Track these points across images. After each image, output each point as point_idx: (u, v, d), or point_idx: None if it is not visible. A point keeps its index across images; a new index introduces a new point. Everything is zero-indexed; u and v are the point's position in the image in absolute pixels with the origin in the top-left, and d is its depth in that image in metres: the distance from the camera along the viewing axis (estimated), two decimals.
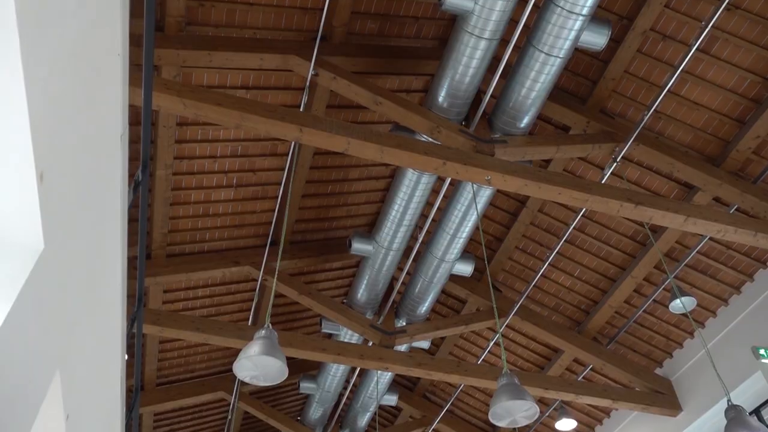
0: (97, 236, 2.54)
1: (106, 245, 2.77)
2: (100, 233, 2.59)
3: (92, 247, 2.51)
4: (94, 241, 2.51)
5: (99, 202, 2.48)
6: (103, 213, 2.60)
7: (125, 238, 3.19)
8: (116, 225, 2.83)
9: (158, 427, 11.74)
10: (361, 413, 11.57)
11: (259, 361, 3.99)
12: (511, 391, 4.50)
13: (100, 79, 2.20)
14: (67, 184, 1.98)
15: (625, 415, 10.62)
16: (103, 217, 2.60)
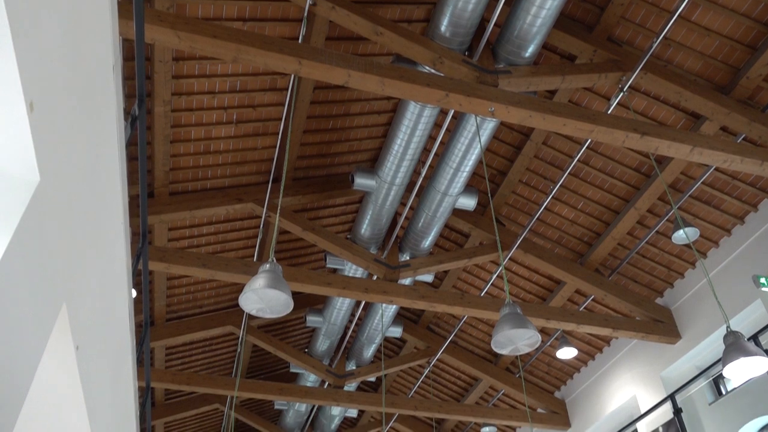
0: (95, 169, 2.52)
1: (106, 179, 2.75)
2: (98, 166, 2.56)
3: (91, 181, 2.49)
4: (92, 174, 2.49)
5: (94, 135, 2.44)
6: (100, 146, 2.57)
7: (125, 173, 3.16)
8: (114, 159, 2.80)
9: (170, 361, 12.10)
10: (367, 345, 11.88)
11: (264, 294, 4.04)
12: (514, 320, 4.57)
13: (87, 5, 2.12)
14: (59, 115, 1.94)
15: (624, 344, 10.87)
16: (100, 150, 2.56)
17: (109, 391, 3.83)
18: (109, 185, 2.83)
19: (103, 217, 2.85)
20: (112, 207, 2.96)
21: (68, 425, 3.32)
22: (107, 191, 2.82)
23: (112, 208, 2.99)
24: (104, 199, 2.79)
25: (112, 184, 2.88)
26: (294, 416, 13.96)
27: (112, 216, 3.02)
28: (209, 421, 15.16)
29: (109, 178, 2.80)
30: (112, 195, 2.92)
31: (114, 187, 2.92)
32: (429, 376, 13.44)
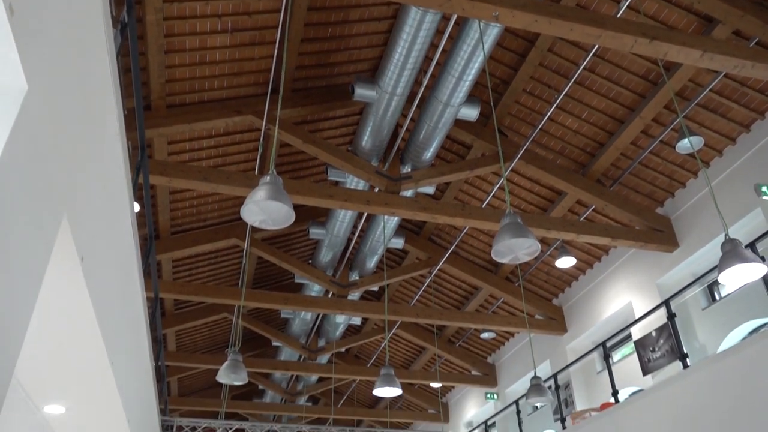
0: (86, 78, 2.45)
1: (98, 88, 2.68)
2: (89, 75, 2.49)
3: (82, 90, 2.43)
4: (83, 83, 2.42)
5: (83, 42, 2.35)
6: (89, 54, 2.48)
7: (117, 83, 3.08)
8: (105, 67, 2.72)
9: (178, 273, 12.38)
10: (370, 256, 12.09)
11: (265, 206, 4.05)
12: (514, 230, 4.60)
13: None
14: (42, 20, 1.86)
15: (622, 253, 11.05)
16: (89, 59, 2.48)
17: (118, 301, 3.93)
18: (102, 95, 2.76)
19: (99, 129, 2.80)
20: (106, 118, 2.91)
21: (80, 334, 3.43)
22: (100, 101, 2.76)
23: (107, 120, 2.93)
24: (98, 110, 2.74)
25: (105, 94, 2.81)
26: (300, 324, 14.46)
27: (107, 127, 2.97)
28: (218, 329, 15.73)
29: (102, 87, 2.73)
30: (105, 105, 2.86)
31: (107, 97, 2.86)
32: (430, 286, 13.78)
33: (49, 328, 3.35)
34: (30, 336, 3.38)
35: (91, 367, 3.88)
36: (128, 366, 4.74)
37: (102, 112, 2.82)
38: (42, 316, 3.17)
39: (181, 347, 15.53)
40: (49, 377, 4.09)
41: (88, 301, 3.02)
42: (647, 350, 8.31)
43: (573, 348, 12.46)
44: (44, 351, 3.65)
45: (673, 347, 7.67)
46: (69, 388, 4.31)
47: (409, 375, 16.31)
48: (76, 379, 4.12)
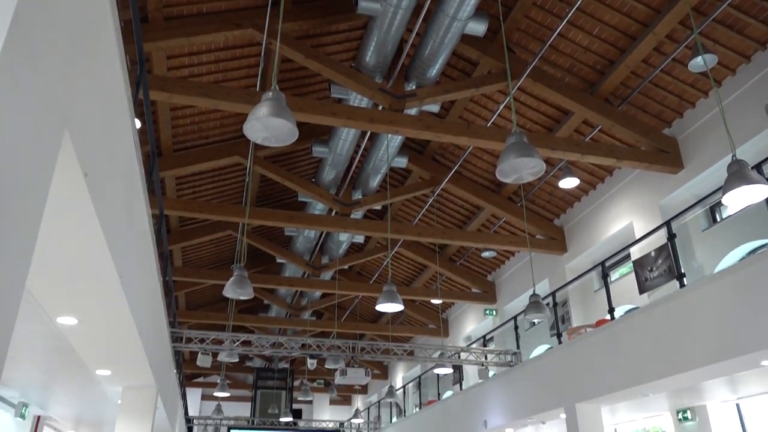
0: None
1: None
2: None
3: (76, 1, 2.33)
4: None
5: None
6: None
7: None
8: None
9: (181, 190, 12.43)
10: (373, 175, 12.07)
11: (268, 123, 3.99)
12: (519, 149, 4.56)
13: None
14: None
15: (626, 174, 11.01)
16: None
17: (124, 217, 3.96)
18: (97, 5, 2.66)
19: (95, 41, 2.72)
20: (102, 30, 2.82)
21: (88, 249, 3.48)
22: (95, 11, 2.66)
23: (103, 31, 2.84)
24: (93, 21, 2.64)
25: (100, 3, 2.71)
26: (303, 242, 14.66)
27: (104, 39, 2.88)
28: (223, 246, 15.98)
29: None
30: (101, 16, 2.76)
31: (102, 7, 2.75)
32: (433, 205, 13.85)
33: (58, 243, 3.40)
34: (40, 251, 3.43)
35: (100, 281, 3.96)
36: (136, 280, 4.84)
37: (98, 23, 2.72)
38: (50, 231, 3.20)
39: (187, 263, 15.84)
40: (60, 291, 4.20)
41: (94, 217, 3.04)
42: (645, 270, 8.44)
43: (572, 267, 12.68)
44: (54, 266, 3.72)
45: (671, 267, 7.78)
46: (80, 301, 4.43)
47: (411, 292, 16.72)
48: (87, 292, 4.22)
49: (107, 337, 5.37)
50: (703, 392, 8.54)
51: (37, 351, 6.12)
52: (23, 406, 9.37)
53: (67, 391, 8.23)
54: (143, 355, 5.99)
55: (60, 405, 9.39)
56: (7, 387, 8.21)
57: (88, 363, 6.34)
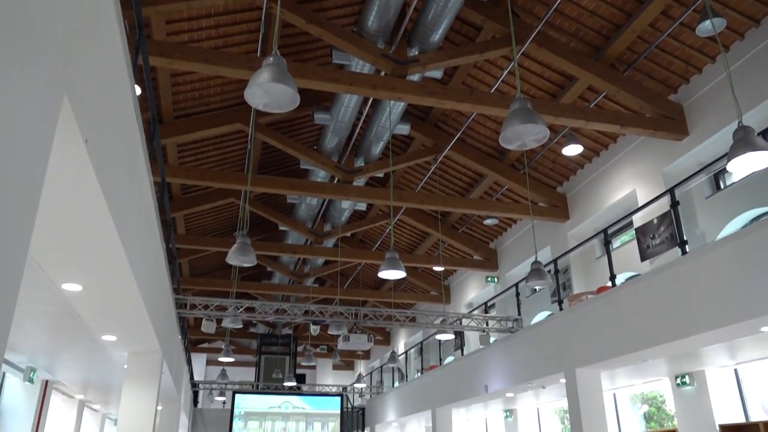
0: None
1: None
2: None
3: None
4: None
5: None
6: None
7: None
8: None
9: (183, 158, 12.39)
10: (375, 142, 12.01)
11: (269, 88, 3.95)
12: (523, 115, 4.52)
13: None
14: None
15: (630, 141, 10.93)
16: None
17: (126, 184, 3.95)
18: None
19: (93, 4, 2.67)
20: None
21: (90, 216, 3.48)
22: None
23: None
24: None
25: None
26: (306, 209, 14.68)
27: (102, 2, 2.83)
28: (226, 214, 16.01)
29: None
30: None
31: None
32: (435, 172, 13.80)
33: (60, 210, 3.40)
34: (43, 218, 3.44)
35: (103, 248, 3.98)
36: (140, 247, 4.86)
37: None
38: (52, 199, 3.20)
39: (190, 230, 15.90)
40: (64, 258, 4.22)
41: (95, 184, 3.03)
42: (647, 237, 8.44)
43: (574, 234, 12.70)
44: (58, 233, 3.73)
45: (673, 234, 7.78)
46: (84, 268, 4.45)
47: (413, 259, 16.80)
48: (91, 259, 4.24)
49: (112, 304, 5.42)
50: (701, 358, 8.64)
51: (43, 317, 6.18)
52: (31, 371, 9.52)
53: (74, 356, 8.35)
54: (148, 321, 6.06)
55: (67, 370, 9.54)
56: (14, 352, 8.33)
57: (94, 329, 6.42)
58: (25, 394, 9.97)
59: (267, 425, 19.13)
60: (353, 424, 21.76)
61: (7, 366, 9.23)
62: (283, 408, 19.47)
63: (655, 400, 11.91)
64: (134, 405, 7.47)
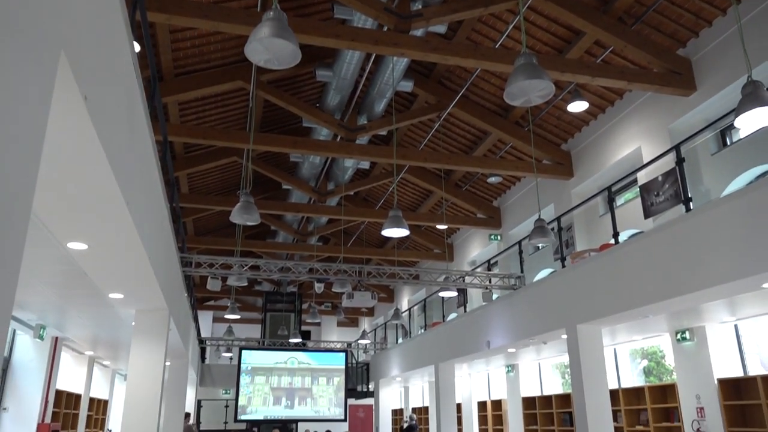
0: None
1: None
2: None
3: None
4: None
5: None
6: None
7: None
8: None
9: (185, 116, 12.29)
10: (378, 99, 11.87)
11: (270, 44, 3.88)
12: (528, 71, 4.44)
13: None
14: None
15: (637, 97, 10.78)
16: None
17: (127, 142, 3.93)
18: None
19: None
20: None
21: (93, 175, 3.47)
22: None
23: None
24: None
25: None
26: (309, 168, 14.63)
27: None
28: (229, 172, 15.98)
29: None
30: None
31: None
32: (439, 130, 13.69)
33: (62, 170, 3.39)
34: (46, 177, 3.43)
35: (107, 207, 3.98)
36: (144, 206, 4.86)
37: None
38: (53, 158, 3.19)
39: (194, 190, 15.91)
40: (68, 217, 4.22)
41: (96, 142, 3.01)
42: (651, 194, 8.42)
43: (578, 192, 12.67)
44: (61, 192, 3.72)
45: (678, 192, 7.75)
46: (89, 227, 4.47)
47: (416, 217, 16.83)
48: (95, 218, 4.25)
49: (118, 262, 5.46)
50: (702, 314, 8.72)
51: (50, 276, 6.25)
52: (41, 328, 9.69)
53: (82, 313, 8.47)
54: (154, 279, 6.11)
55: (76, 327, 9.70)
56: (24, 310, 8.45)
57: (101, 287, 6.49)
58: (36, 350, 10.17)
59: (273, 380, 19.53)
60: (358, 379, 22.22)
61: (18, 323, 9.38)
62: (289, 364, 19.85)
63: (654, 355, 12.09)
64: (143, 361, 7.62)
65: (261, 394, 19.30)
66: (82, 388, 13.00)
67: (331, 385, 19.89)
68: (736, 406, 9.01)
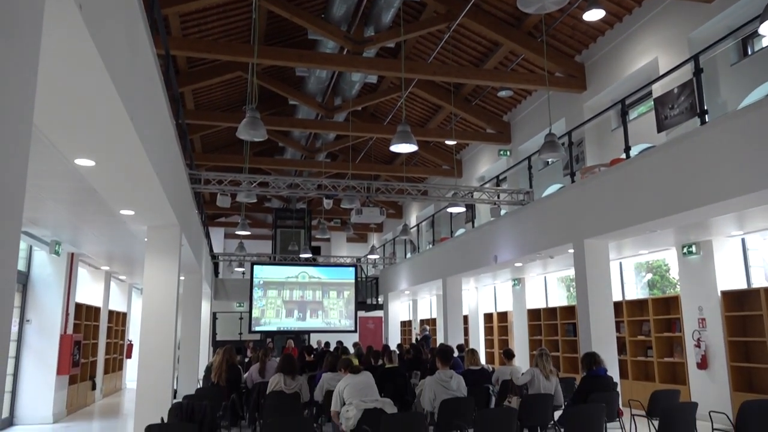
0: None
1: None
2: None
3: None
4: None
5: None
6: None
7: None
8: None
9: (187, 29, 11.94)
10: (385, 9, 11.43)
11: None
12: None
13: None
14: None
15: (656, 4, 10.32)
16: None
17: (128, 55, 3.82)
18: None
19: None
20: None
21: (94, 89, 3.40)
22: None
23: None
24: None
25: None
26: (315, 83, 14.33)
27: None
28: (234, 88, 15.71)
29: None
30: None
31: None
32: (449, 42, 13.23)
33: (63, 85, 3.32)
34: (46, 93, 3.37)
35: (112, 122, 3.93)
36: (149, 121, 4.80)
37: None
38: (52, 72, 3.11)
39: (199, 106, 15.71)
40: (74, 133, 4.18)
41: (95, 54, 2.92)
42: (666, 107, 8.21)
43: (590, 106, 12.40)
44: (63, 108, 3.67)
45: (693, 104, 7.55)
46: (95, 143, 4.43)
47: (425, 133, 16.65)
48: (100, 134, 4.21)
49: (126, 178, 5.47)
50: (710, 228, 8.74)
51: (61, 193, 6.29)
52: (56, 244, 9.89)
53: (96, 230, 8.60)
54: (163, 196, 6.14)
55: (90, 243, 9.88)
56: (38, 226, 8.59)
57: (111, 203, 6.54)
58: (53, 266, 10.43)
59: (285, 294, 20.09)
60: (367, 293, 22.81)
61: (33, 240, 9.57)
62: (300, 278, 20.34)
63: (659, 268, 12.25)
64: (157, 276, 7.81)
65: (274, 306, 19.91)
66: (101, 301, 13.45)
67: (341, 299, 20.45)
68: (737, 317, 9.21)
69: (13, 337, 9.91)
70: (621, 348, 10.90)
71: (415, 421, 5.30)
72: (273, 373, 7.60)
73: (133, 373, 10.89)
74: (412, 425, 5.23)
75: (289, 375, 7.21)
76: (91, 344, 12.66)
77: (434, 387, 6.43)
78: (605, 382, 6.77)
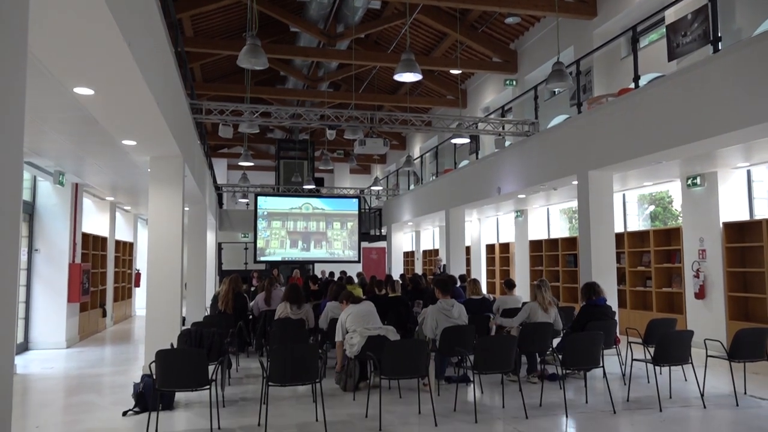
0: None
1: None
2: None
3: None
4: None
5: None
6: None
7: None
8: None
9: None
10: None
11: None
12: None
13: None
14: None
15: None
16: None
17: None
18: None
19: None
20: None
21: (88, 18, 3.31)
22: None
23: None
24: None
25: None
26: (317, 8, 13.89)
27: None
28: (233, 14, 15.25)
29: None
30: None
31: None
32: None
33: (57, 12, 3.22)
34: (39, 20, 3.27)
35: (109, 49, 3.83)
36: (147, 47, 4.69)
37: None
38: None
39: (198, 33, 15.31)
40: (71, 61, 4.09)
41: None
42: (678, 35, 7.97)
43: (600, 33, 12.05)
44: (59, 35, 3.57)
45: (707, 31, 7.32)
46: (92, 71, 4.34)
47: (429, 62, 16.27)
48: (97, 62, 4.12)
49: (126, 107, 5.40)
50: (715, 159, 8.67)
51: (62, 123, 6.23)
52: (60, 175, 9.89)
53: (99, 160, 8.57)
54: (164, 125, 6.08)
55: (94, 174, 9.87)
56: (41, 157, 8.56)
57: (113, 133, 6.48)
58: (58, 196, 10.47)
59: (289, 224, 20.26)
60: (371, 224, 22.98)
61: (37, 170, 9.57)
62: (304, 209, 20.45)
63: (662, 200, 12.26)
64: (161, 206, 7.84)
65: (278, 237, 20.12)
66: (107, 231, 13.59)
67: (345, 229, 20.62)
68: (737, 248, 9.28)
69: (23, 266, 10.09)
70: (621, 278, 11.06)
71: (417, 348, 5.45)
72: (278, 302, 7.77)
73: (142, 301, 11.14)
74: (414, 351, 5.39)
75: (295, 303, 7.37)
76: (100, 273, 12.89)
77: (436, 315, 6.58)
78: (604, 311, 6.92)
